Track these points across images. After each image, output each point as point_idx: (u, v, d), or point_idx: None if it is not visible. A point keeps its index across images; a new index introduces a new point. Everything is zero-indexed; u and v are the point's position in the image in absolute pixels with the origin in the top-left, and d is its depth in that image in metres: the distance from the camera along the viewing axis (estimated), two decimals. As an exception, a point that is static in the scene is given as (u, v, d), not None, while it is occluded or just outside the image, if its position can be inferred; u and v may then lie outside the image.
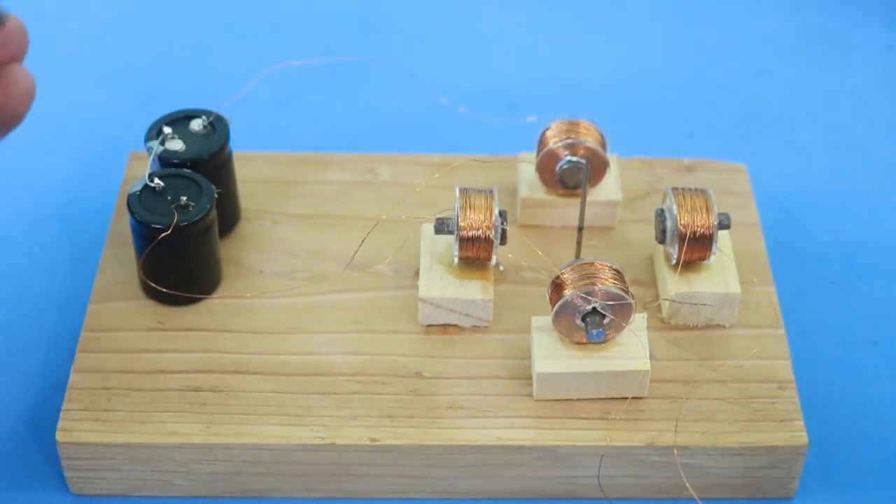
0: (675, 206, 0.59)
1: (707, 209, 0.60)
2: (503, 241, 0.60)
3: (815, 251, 0.69)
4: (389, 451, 0.57)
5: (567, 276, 0.57)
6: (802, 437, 0.57)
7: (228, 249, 0.64)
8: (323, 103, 0.78)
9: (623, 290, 0.57)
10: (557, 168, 0.61)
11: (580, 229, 0.60)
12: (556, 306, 0.57)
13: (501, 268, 0.62)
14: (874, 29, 0.83)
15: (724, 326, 0.61)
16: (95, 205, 0.70)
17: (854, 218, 0.71)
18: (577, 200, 0.63)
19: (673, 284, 0.60)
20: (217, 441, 0.57)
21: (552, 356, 0.58)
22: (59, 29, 0.82)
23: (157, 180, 0.60)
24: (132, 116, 0.76)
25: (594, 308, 0.57)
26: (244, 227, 0.65)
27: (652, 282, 0.63)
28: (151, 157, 0.62)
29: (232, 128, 0.64)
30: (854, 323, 0.66)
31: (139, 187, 0.60)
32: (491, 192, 0.60)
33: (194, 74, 0.79)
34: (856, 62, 0.81)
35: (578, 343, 0.58)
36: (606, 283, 0.57)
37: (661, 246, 0.62)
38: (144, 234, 0.59)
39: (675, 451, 0.57)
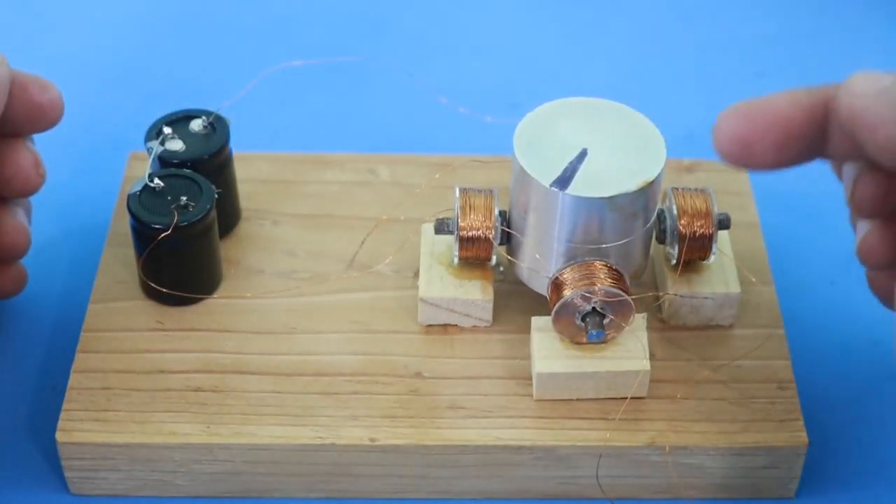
0: (674, 206, 0.59)
1: (707, 209, 0.60)
2: (503, 241, 0.60)
3: (815, 251, 0.69)
4: (389, 451, 0.57)
5: (567, 276, 0.57)
6: (802, 437, 0.57)
7: (228, 249, 0.64)
8: (323, 103, 0.78)
9: (623, 290, 0.57)
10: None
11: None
12: (556, 306, 0.57)
13: (501, 268, 0.62)
14: (874, 29, 0.83)
15: (724, 326, 0.61)
16: (95, 205, 0.70)
17: (854, 218, 0.71)
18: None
19: (673, 284, 0.60)
20: (217, 441, 0.57)
21: (552, 356, 0.58)
22: (60, 29, 0.82)
23: (156, 180, 0.60)
24: (132, 116, 0.76)
25: (594, 308, 0.57)
26: (244, 227, 0.65)
27: (652, 282, 0.63)
28: (151, 157, 0.62)
29: (232, 128, 0.64)
30: (854, 323, 0.66)
31: (139, 187, 0.60)
32: (491, 192, 0.60)
33: (194, 74, 0.79)
34: (856, 62, 0.81)
35: (578, 343, 0.58)
36: (606, 282, 0.57)
37: (660, 246, 0.62)
38: (144, 235, 0.59)
39: (675, 451, 0.57)
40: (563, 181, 0.55)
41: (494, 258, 0.60)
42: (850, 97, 0.50)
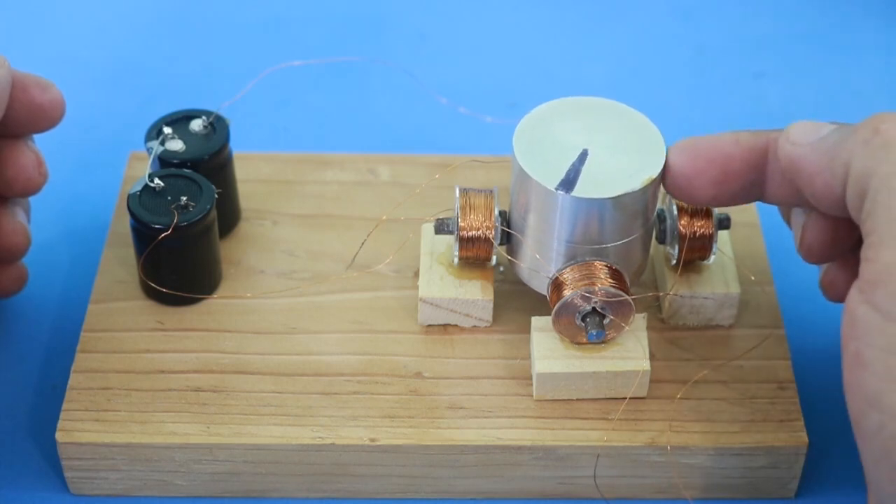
0: (674, 207, 0.59)
1: (707, 209, 0.60)
2: (503, 241, 0.60)
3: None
4: (389, 451, 0.57)
5: (567, 276, 0.57)
6: (802, 437, 0.57)
7: (228, 249, 0.64)
8: (323, 103, 0.78)
9: (623, 290, 0.57)
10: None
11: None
12: (556, 306, 0.57)
13: (501, 268, 0.62)
14: (874, 29, 0.83)
15: (724, 326, 0.61)
16: (95, 205, 0.70)
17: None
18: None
19: (673, 284, 0.60)
20: (217, 441, 0.57)
21: (552, 356, 0.58)
22: (60, 29, 0.82)
23: (156, 180, 0.60)
24: (132, 116, 0.76)
25: (594, 308, 0.57)
26: (244, 227, 0.65)
27: (652, 282, 0.63)
28: (151, 157, 0.62)
29: (232, 128, 0.64)
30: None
31: (139, 188, 0.60)
32: (491, 192, 0.60)
33: (194, 74, 0.79)
34: (856, 62, 0.81)
35: (578, 343, 0.58)
36: (606, 283, 0.57)
37: (660, 246, 0.62)
38: (144, 235, 0.59)
39: (675, 451, 0.57)
40: (568, 183, 0.55)
41: (494, 258, 0.60)
42: (790, 145, 0.51)
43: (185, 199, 0.60)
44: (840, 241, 0.55)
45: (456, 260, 0.60)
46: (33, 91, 0.58)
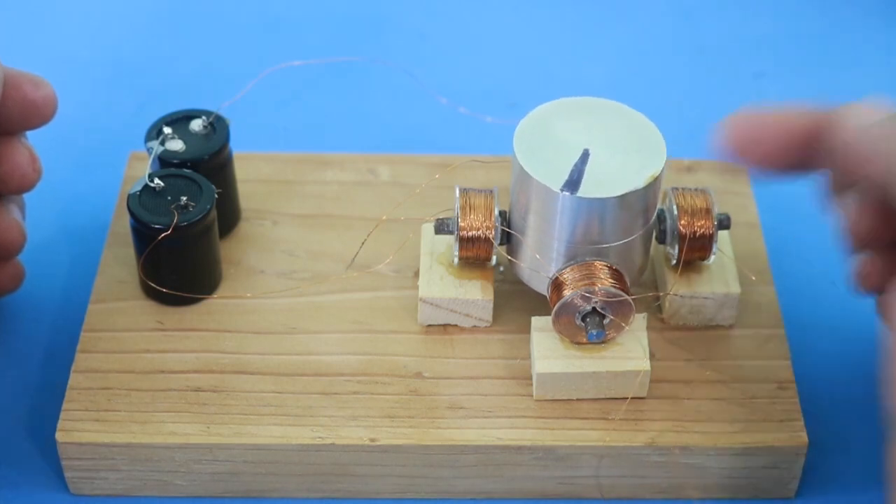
0: (674, 207, 0.59)
1: (707, 209, 0.60)
2: (503, 241, 0.60)
3: (815, 251, 0.69)
4: (389, 451, 0.57)
5: (567, 276, 0.57)
6: (802, 437, 0.57)
7: (228, 249, 0.64)
8: (323, 103, 0.78)
9: (623, 290, 0.57)
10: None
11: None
12: (556, 306, 0.57)
13: (501, 268, 0.62)
14: (874, 29, 0.83)
15: (724, 326, 0.61)
16: (95, 205, 0.70)
17: (854, 218, 0.70)
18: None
19: (673, 284, 0.60)
20: (217, 441, 0.57)
21: (552, 356, 0.58)
22: (59, 29, 0.82)
23: (156, 180, 0.60)
24: (132, 116, 0.76)
25: (594, 308, 0.57)
26: (244, 227, 0.65)
27: (652, 282, 0.63)
28: (151, 157, 0.62)
29: (232, 128, 0.64)
30: (854, 323, 0.65)
31: (139, 187, 0.60)
32: (491, 192, 0.60)
33: (194, 74, 0.79)
34: (856, 62, 0.81)
35: (578, 343, 0.58)
36: (606, 283, 0.57)
37: (660, 246, 0.62)
38: (144, 235, 0.59)
39: (675, 451, 0.57)
40: (573, 184, 0.55)
41: (494, 258, 0.60)
42: (844, 129, 0.51)
43: (185, 199, 0.60)
44: (888, 230, 0.54)
45: (456, 260, 0.60)
46: (26, 88, 0.58)
